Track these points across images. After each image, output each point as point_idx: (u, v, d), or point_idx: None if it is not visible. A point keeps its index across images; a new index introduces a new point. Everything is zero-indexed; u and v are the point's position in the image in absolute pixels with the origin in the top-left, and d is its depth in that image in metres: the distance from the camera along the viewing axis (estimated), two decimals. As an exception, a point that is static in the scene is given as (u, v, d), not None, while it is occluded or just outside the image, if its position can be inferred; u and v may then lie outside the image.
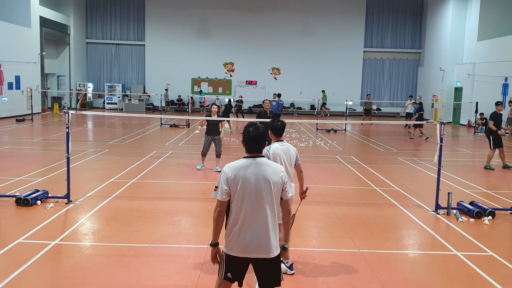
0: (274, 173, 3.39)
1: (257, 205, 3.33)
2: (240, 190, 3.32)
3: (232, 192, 3.34)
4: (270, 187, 3.35)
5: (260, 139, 3.44)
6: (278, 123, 5.14)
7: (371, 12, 32.65)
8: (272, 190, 3.36)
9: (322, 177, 10.62)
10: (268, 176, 3.35)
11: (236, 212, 3.35)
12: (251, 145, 3.45)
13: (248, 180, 3.31)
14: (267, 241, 3.34)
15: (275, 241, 3.40)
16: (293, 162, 5.15)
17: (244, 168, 3.35)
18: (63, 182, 7.98)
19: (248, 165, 3.37)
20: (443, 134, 7.75)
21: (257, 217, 3.33)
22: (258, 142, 3.45)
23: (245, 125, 3.67)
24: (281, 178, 3.41)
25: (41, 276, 4.92)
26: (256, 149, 3.45)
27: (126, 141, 15.84)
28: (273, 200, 3.38)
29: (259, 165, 3.38)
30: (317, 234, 6.65)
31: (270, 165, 3.44)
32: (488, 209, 7.48)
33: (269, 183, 3.34)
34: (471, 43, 25.90)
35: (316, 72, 32.70)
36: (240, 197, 3.33)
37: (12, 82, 23.67)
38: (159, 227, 6.60)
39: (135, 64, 33.26)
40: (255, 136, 3.42)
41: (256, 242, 3.32)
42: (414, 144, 17.42)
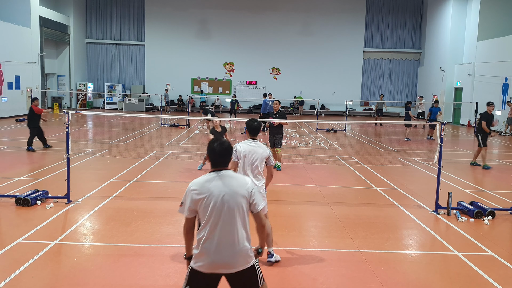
0: (239, 185, 3.28)
1: (224, 220, 3.21)
2: (205, 205, 3.22)
3: (198, 208, 3.26)
4: (236, 201, 3.24)
5: (225, 154, 3.38)
6: (254, 123, 5.36)
7: (371, 12, 32.65)
8: (239, 203, 3.25)
9: (322, 177, 10.62)
10: (233, 189, 3.26)
11: (203, 227, 3.25)
12: (216, 160, 3.38)
13: (213, 195, 3.22)
14: (234, 258, 3.22)
15: (246, 254, 3.27)
16: (257, 162, 5.16)
17: (209, 182, 3.26)
18: (63, 182, 7.98)
19: (212, 179, 3.28)
20: (443, 134, 7.76)
21: (224, 232, 3.21)
22: (223, 157, 3.38)
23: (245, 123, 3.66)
24: (247, 190, 3.30)
25: (41, 276, 4.92)
26: (220, 164, 3.37)
27: (126, 141, 15.84)
28: (241, 213, 3.26)
29: (224, 177, 3.28)
30: (317, 234, 6.65)
31: (236, 177, 3.34)
32: (488, 209, 7.48)
33: (234, 196, 3.24)
34: (471, 43, 25.91)
35: (316, 72, 32.70)
36: (207, 213, 3.22)
37: (12, 82, 23.67)
38: (159, 227, 6.60)
39: (135, 64, 33.27)
40: (219, 151, 3.36)
41: (223, 258, 3.20)
42: (414, 144, 17.42)
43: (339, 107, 31.65)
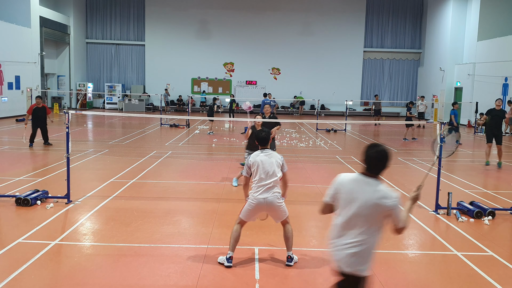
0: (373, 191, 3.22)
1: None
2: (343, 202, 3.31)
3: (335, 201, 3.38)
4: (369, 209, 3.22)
5: (382, 158, 3.27)
6: (262, 134, 5.33)
7: (371, 12, 32.65)
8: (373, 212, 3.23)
9: (322, 177, 10.61)
10: (369, 195, 3.24)
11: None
12: (372, 164, 3.27)
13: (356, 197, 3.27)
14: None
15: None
16: (275, 171, 5.20)
17: (354, 182, 3.28)
18: (63, 182, 7.97)
19: (359, 180, 3.28)
20: (443, 134, 7.75)
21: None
22: (381, 161, 3.25)
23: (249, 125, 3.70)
24: (387, 201, 3.25)
25: (41, 276, 4.92)
26: (374, 169, 3.28)
27: (126, 141, 15.84)
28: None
29: (367, 183, 3.25)
30: (317, 234, 6.65)
31: (371, 183, 3.26)
32: (488, 209, 7.48)
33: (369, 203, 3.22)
34: (471, 43, 25.91)
35: (316, 72, 32.70)
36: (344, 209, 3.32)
37: (12, 82, 23.67)
38: (159, 227, 6.60)
39: (135, 64, 33.27)
40: (376, 156, 3.25)
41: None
42: (414, 144, 17.42)
43: (339, 107, 31.65)
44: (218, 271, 5.18)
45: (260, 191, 5.13)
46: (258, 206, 5.16)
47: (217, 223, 6.80)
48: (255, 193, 5.15)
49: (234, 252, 5.31)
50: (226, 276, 5.05)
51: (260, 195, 5.13)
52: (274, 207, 5.17)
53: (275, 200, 5.14)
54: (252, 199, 5.18)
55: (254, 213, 5.25)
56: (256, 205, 5.16)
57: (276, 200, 5.15)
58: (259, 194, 5.13)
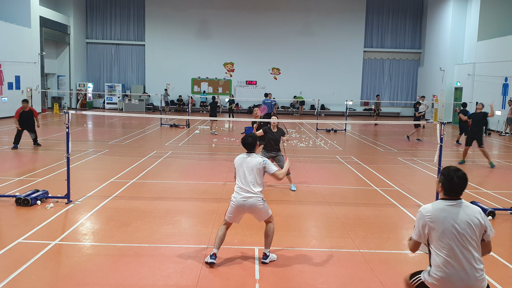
0: (472, 213, 3.37)
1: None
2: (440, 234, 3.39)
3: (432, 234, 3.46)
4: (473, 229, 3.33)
5: (463, 183, 3.42)
6: (248, 139, 5.45)
7: (371, 12, 32.65)
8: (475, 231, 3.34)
9: (322, 177, 10.62)
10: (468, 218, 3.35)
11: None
12: (452, 188, 3.41)
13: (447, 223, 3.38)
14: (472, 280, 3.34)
15: (481, 279, 3.37)
16: (255, 174, 5.28)
17: (445, 211, 3.39)
18: (63, 182, 7.97)
19: (450, 208, 3.39)
20: (443, 134, 7.76)
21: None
22: (460, 186, 3.43)
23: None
24: (481, 218, 3.39)
25: (41, 276, 4.92)
26: (456, 193, 3.42)
27: (126, 141, 15.84)
28: (474, 239, 3.35)
29: (462, 207, 3.38)
30: (317, 234, 6.65)
31: (468, 206, 3.42)
32: (488, 209, 7.48)
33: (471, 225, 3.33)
34: (471, 43, 25.91)
35: (316, 72, 32.70)
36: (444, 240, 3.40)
37: (12, 82, 23.66)
38: (159, 227, 6.60)
39: (135, 64, 33.27)
40: (456, 180, 3.39)
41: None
42: (414, 144, 17.42)
43: (339, 107, 31.65)
44: (218, 271, 5.18)
45: (240, 193, 5.24)
46: (238, 208, 5.27)
47: (217, 223, 6.79)
48: (236, 194, 5.27)
49: (219, 250, 5.40)
50: (226, 276, 5.05)
51: (241, 197, 5.23)
52: (255, 209, 5.27)
53: (256, 202, 5.23)
54: (233, 201, 5.29)
55: (236, 214, 5.35)
56: (237, 206, 5.26)
57: (256, 202, 5.23)
58: (240, 196, 5.23)
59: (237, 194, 5.26)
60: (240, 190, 5.25)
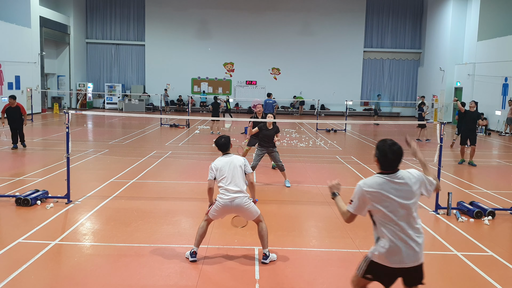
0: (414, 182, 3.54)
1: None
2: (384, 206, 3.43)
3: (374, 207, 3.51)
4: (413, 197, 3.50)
5: (399, 155, 3.62)
6: (221, 140, 5.55)
7: (371, 12, 32.65)
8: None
9: (322, 177, 10.61)
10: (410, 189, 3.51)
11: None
12: (389, 162, 3.60)
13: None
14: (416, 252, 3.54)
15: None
16: (238, 172, 5.36)
17: (385, 185, 3.47)
18: (63, 182, 7.97)
19: (387, 182, 3.51)
20: (443, 134, 7.76)
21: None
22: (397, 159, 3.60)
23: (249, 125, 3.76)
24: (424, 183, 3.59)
25: (41, 276, 4.92)
26: (392, 167, 3.60)
27: (126, 141, 15.84)
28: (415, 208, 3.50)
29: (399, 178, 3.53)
30: (317, 234, 6.65)
31: (410, 172, 3.59)
32: (488, 209, 7.48)
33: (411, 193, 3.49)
34: (471, 43, 25.91)
35: (316, 72, 32.70)
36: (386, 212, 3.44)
37: (12, 82, 23.66)
38: (159, 227, 6.60)
39: (135, 64, 33.26)
40: (392, 153, 3.59)
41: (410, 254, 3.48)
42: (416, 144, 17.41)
43: (339, 107, 31.64)
44: (218, 271, 5.18)
45: (226, 194, 5.28)
46: (224, 208, 5.32)
47: (217, 223, 6.79)
48: (222, 195, 5.31)
49: (201, 248, 5.44)
50: (226, 276, 5.05)
51: (227, 197, 5.27)
52: (241, 208, 5.31)
53: (242, 201, 5.27)
54: (219, 201, 5.33)
55: (221, 214, 5.41)
56: (223, 206, 5.31)
57: (242, 201, 5.27)
58: (226, 197, 5.28)
59: (223, 194, 5.30)
60: (225, 191, 5.30)
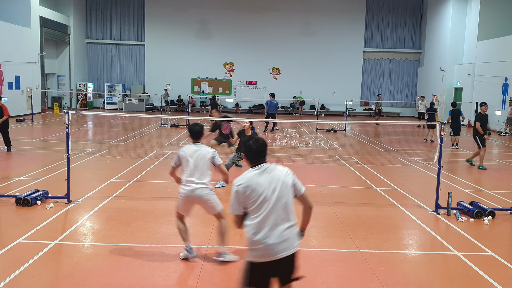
0: (283, 175, 3.49)
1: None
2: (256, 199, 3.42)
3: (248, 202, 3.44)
4: (285, 190, 3.46)
5: (263, 150, 3.55)
6: (196, 127, 5.48)
7: (371, 12, 32.64)
8: (288, 191, 3.48)
9: (322, 177, 10.62)
10: (281, 179, 3.46)
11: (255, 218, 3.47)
12: (254, 156, 3.55)
13: (263, 188, 3.41)
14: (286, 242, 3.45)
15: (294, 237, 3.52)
16: (203, 162, 5.30)
17: (256, 177, 3.44)
18: (63, 182, 7.98)
19: (258, 174, 3.47)
20: (443, 134, 7.76)
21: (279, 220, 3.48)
22: (261, 152, 3.56)
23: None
24: (290, 177, 3.53)
25: (41, 276, 4.92)
26: (258, 159, 3.54)
27: (126, 141, 15.84)
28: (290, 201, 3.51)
29: (268, 171, 3.48)
30: (317, 234, 6.65)
31: (277, 168, 3.54)
32: (488, 209, 7.48)
33: (283, 186, 3.45)
34: (471, 43, 25.91)
35: (316, 72, 32.69)
36: (258, 205, 3.42)
37: (12, 82, 23.66)
38: (159, 227, 6.60)
39: (135, 64, 33.26)
40: (256, 148, 3.54)
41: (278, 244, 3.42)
42: (414, 144, 17.42)
43: (339, 107, 31.64)
44: (218, 271, 5.18)
45: (188, 184, 5.23)
46: (187, 198, 5.27)
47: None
48: (185, 186, 5.26)
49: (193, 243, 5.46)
50: (226, 276, 5.05)
51: (189, 188, 5.22)
52: (202, 200, 5.27)
53: (203, 193, 5.22)
54: (181, 192, 5.29)
55: (186, 205, 5.35)
56: (185, 197, 5.27)
57: (204, 192, 5.23)
58: (188, 187, 5.23)
59: (185, 185, 5.24)
60: (188, 181, 5.24)
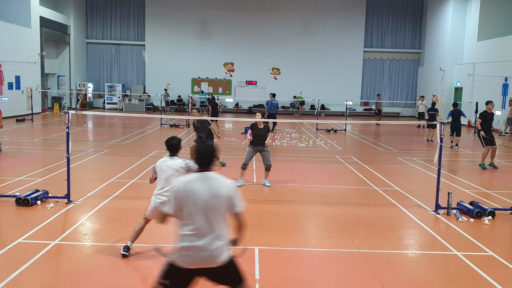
0: (221, 186, 3.46)
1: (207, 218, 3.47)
2: (189, 203, 3.42)
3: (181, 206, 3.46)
4: (218, 201, 3.42)
5: (209, 155, 3.55)
6: (173, 141, 5.57)
7: (371, 12, 32.65)
8: (220, 204, 3.44)
9: (322, 177, 10.62)
10: (216, 189, 3.43)
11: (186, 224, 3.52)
12: (201, 161, 3.56)
13: (196, 194, 3.41)
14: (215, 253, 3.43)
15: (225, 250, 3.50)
16: (177, 174, 5.32)
17: (193, 183, 3.45)
18: (63, 182, 7.98)
19: (196, 179, 3.47)
20: (443, 134, 7.76)
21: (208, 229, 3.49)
22: (208, 158, 3.56)
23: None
24: (229, 191, 3.48)
25: (41, 276, 4.92)
26: (204, 165, 3.54)
27: (126, 141, 15.84)
28: (222, 213, 3.49)
29: (208, 179, 3.46)
30: (317, 234, 6.65)
31: (218, 179, 3.51)
32: (488, 209, 7.48)
33: (216, 197, 3.42)
34: (471, 43, 25.90)
35: (316, 72, 32.70)
36: (190, 210, 3.45)
37: (12, 82, 23.66)
38: (159, 227, 6.59)
39: (135, 64, 33.26)
40: (203, 152, 3.55)
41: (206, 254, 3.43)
42: (414, 144, 17.42)
43: (339, 107, 31.64)
44: (218, 271, 5.17)
45: (159, 197, 5.35)
46: (155, 209, 5.35)
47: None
48: (156, 196, 5.38)
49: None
50: (226, 276, 5.05)
51: (159, 200, 5.33)
52: None
53: None
54: (154, 201, 5.39)
55: (155, 215, 5.41)
56: (154, 208, 5.37)
57: None
58: (158, 200, 5.34)
59: (156, 197, 5.36)
60: (159, 194, 5.35)
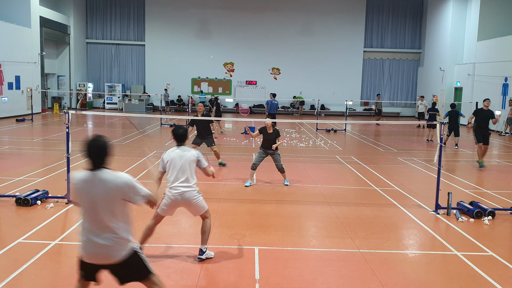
0: (113, 181, 3.61)
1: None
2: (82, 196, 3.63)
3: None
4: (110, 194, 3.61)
5: (99, 152, 3.68)
6: (179, 130, 5.42)
7: (371, 12, 32.65)
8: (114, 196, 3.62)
9: (322, 177, 10.62)
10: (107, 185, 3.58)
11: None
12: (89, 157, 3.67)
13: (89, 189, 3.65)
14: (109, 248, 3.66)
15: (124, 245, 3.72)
16: (189, 166, 5.28)
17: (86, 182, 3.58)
18: (63, 182, 7.98)
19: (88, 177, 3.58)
20: (443, 134, 7.76)
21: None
22: (97, 155, 3.70)
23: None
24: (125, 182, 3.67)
25: (41, 276, 4.92)
26: (93, 163, 3.65)
27: (126, 141, 15.84)
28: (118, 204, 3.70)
29: (99, 175, 3.60)
30: (317, 234, 6.65)
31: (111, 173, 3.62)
32: (488, 209, 7.49)
33: (107, 191, 3.63)
34: (471, 43, 25.91)
35: (316, 72, 32.71)
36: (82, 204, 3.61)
37: (12, 82, 23.66)
38: (159, 227, 6.56)
39: (135, 64, 33.26)
40: (93, 147, 3.71)
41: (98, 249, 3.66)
42: (414, 144, 17.42)
43: (339, 107, 31.65)
44: (218, 271, 5.18)
45: (176, 187, 5.24)
46: (174, 202, 5.29)
47: (217, 223, 6.79)
48: (171, 189, 5.26)
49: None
50: (226, 276, 5.05)
51: (176, 192, 5.23)
52: (190, 202, 5.29)
53: (191, 196, 5.25)
54: (168, 195, 5.29)
55: (171, 208, 5.38)
56: (173, 201, 5.28)
57: (192, 195, 5.25)
58: (176, 191, 5.23)
59: (172, 189, 5.25)
60: (175, 183, 5.24)
